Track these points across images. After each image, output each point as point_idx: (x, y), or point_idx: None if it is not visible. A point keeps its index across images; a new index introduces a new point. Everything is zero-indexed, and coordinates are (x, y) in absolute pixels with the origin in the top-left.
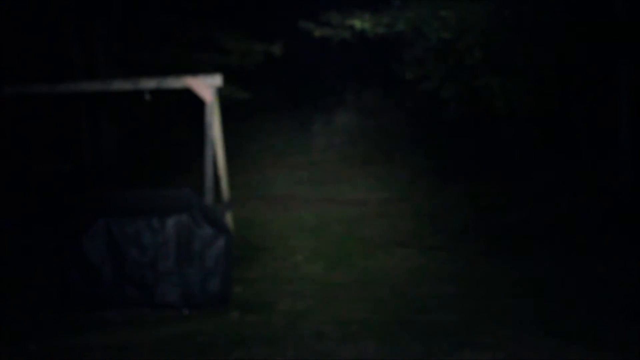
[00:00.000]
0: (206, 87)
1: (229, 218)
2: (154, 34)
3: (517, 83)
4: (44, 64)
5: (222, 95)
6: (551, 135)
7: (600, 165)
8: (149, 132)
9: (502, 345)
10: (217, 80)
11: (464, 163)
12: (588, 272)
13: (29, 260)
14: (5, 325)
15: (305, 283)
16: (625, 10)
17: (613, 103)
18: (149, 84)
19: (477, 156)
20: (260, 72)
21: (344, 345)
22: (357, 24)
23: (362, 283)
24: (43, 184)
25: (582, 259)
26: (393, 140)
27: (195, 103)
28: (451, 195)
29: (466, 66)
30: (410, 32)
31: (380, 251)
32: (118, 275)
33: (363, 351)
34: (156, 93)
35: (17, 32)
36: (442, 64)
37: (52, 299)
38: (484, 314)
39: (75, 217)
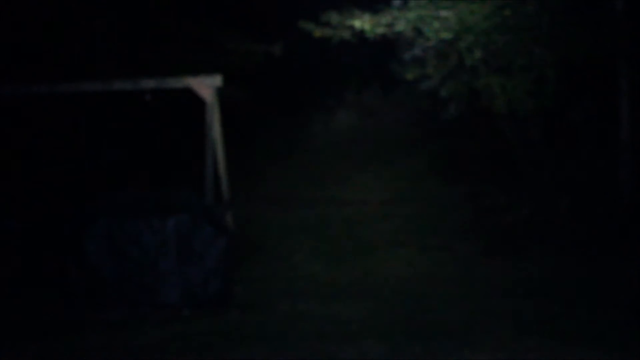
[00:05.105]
0: (206, 87)
1: (229, 218)
2: (154, 34)
3: (517, 83)
4: (44, 64)
5: (222, 95)
6: (551, 135)
7: (600, 165)
8: (149, 132)
9: (502, 345)
10: (217, 80)
11: (464, 163)
12: (588, 272)
13: (29, 260)
14: (5, 325)
15: (305, 283)
16: (625, 10)
17: (613, 103)
18: (149, 84)
19: (477, 156)
20: (260, 72)
21: (344, 345)
22: (357, 24)
23: (362, 283)
24: (43, 184)
25: (582, 259)
26: (393, 140)
27: (195, 103)
28: (451, 195)
29: (466, 66)
30: (410, 32)
31: (380, 251)
32: (118, 275)
33: (363, 351)
34: (156, 93)
35: (17, 32)
36: (442, 64)
37: (52, 299)
38: (484, 314)
39: (76, 217)
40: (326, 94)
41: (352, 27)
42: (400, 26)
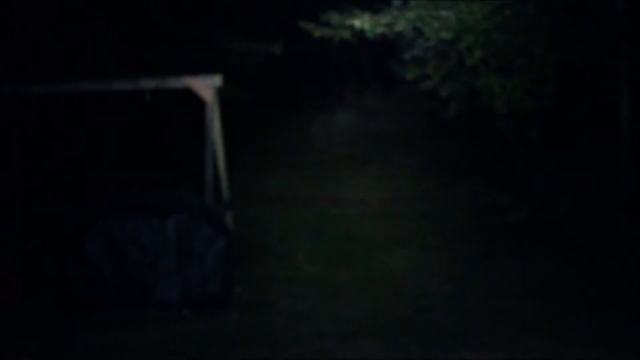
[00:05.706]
0: (206, 87)
1: (229, 218)
2: (154, 34)
3: (517, 83)
4: (44, 64)
5: (222, 95)
6: (551, 135)
7: (600, 165)
8: (149, 132)
9: (502, 345)
10: (217, 80)
11: (464, 163)
12: (588, 272)
13: (29, 260)
14: (5, 325)
15: (305, 283)
16: (625, 10)
17: (613, 103)
18: (149, 84)
19: (477, 156)
20: (260, 72)
21: (344, 345)
22: (357, 24)
23: (362, 283)
24: (43, 184)
25: (582, 259)
26: (393, 140)
27: (195, 103)
28: (451, 195)
29: (466, 66)
30: (410, 32)
31: (380, 251)
32: (118, 275)
33: (363, 351)
34: (156, 93)
35: (17, 32)
36: (442, 64)
37: (52, 299)
38: (484, 314)
39: (76, 217)
40: (326, 94)
41: (352, 27)
42: (400, 26)
